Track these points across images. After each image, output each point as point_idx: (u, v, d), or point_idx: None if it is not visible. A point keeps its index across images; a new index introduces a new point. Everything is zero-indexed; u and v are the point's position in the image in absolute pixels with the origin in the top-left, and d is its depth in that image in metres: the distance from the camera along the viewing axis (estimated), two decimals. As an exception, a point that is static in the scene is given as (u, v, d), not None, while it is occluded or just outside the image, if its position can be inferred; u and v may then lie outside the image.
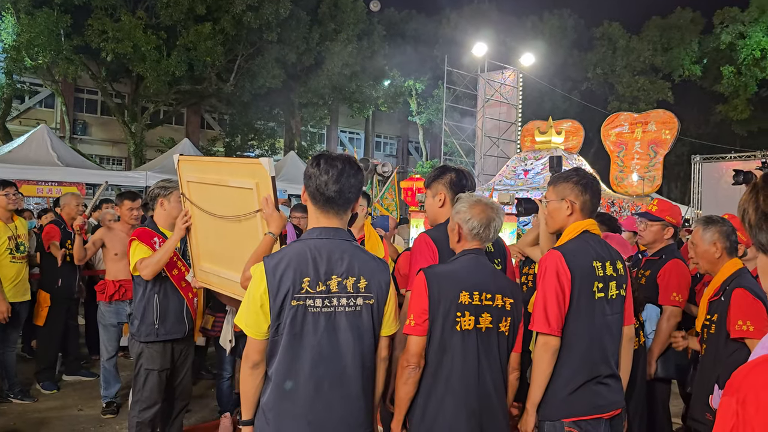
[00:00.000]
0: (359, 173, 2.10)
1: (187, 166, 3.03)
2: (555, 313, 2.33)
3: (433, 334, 2.20)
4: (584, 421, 2.34)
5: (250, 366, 2.00)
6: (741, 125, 25.82)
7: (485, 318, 2.25)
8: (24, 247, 5.00)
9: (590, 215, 2.51)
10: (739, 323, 2.74)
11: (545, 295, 2.35)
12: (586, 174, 2.55)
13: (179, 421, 3.91)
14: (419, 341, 2.19)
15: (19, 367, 5.25)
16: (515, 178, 14.76)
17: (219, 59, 18.09)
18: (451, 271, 2.29)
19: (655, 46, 26.73)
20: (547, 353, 2.33)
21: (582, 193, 2.47)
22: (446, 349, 2.21)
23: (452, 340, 2.21)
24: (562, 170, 2.99)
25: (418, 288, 2.23)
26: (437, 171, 2.84)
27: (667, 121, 16.60)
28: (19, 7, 15.13)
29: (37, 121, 19.80)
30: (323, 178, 2.01)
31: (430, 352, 2.21)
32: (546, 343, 2.33)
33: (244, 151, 23.00)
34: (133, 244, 3.57)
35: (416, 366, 2.19)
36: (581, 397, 2.35)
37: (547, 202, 2.58)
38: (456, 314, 2.21)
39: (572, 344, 2.35)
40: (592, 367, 2.38)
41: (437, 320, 2.20)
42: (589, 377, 2.36)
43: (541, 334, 2.34)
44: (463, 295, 2.22)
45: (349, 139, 32.74)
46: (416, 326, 2.19)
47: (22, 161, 11.61)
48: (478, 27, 24.66)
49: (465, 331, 2.22)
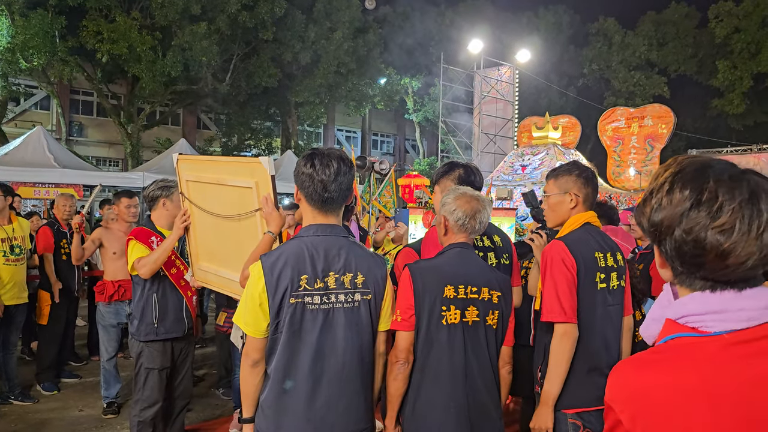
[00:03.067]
0: (352, 168, 2.11)
1: (186, 165, 3.03)
2: (569, 301, 2.31)
3: (419, 329, 2.19)
4: (587, 413, 2.33)
5: (250, 364, 2.01)
6: (737, 119, 25.86)
7: (471, 311, 2.23)
8: (20, 249, 4.94)
9: (591, 207, 2.54)
10: None
11: (556, 284, 2.33)
12: (585, 167, 2.57)
13: (180, 420, 3.92)
14: (407, 336, 2.18)
15: (18, 369, 5.24)
16: (513, 173, 14.79)
17: (214, 59, 18.04)
18: (435, 266, 2.28)
19: (650, 41, 26.79)
20: (567, 342, 2.29)
21: (584, 186, 2.50)
22: (433, 343, 2.19)
23: (439, 334, 2.19)
24: (539, 203, 3.04)
25: (403, 283, 2.22)
26: (446, 167, 2.83)
27: (663, 116, 16.66)
28: (13, 9, 15.06)
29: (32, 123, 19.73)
30: (321, 178, 2.01)
31: (418, 347, 2.20)
32: (565, 332, 2.30)
33: (241, 150, 22.98)
34: (130, 243, 3.58)
35: (405, 361, 2.18)
36: (584, 388, 2.34)
37: (548, 196, 2.59)
38: (441, 308, 2.19)
39: (578, 334, 2.34)
40: (594, 357, 2.37)
41: (423, 315, 2.18)
42: (592, 368, 2.36)
43: (558, 324, 2.31)
44: (448, 288, 2.21)
45: (345, 138, 32.73)
46: (403, 321, 2.17)
47: (19, 163, 11.56)
48: (473, 24, 24.67)
49: (451, 325, 2.20)
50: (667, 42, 26.92)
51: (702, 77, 26.75)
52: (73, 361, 6.16)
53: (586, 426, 2.32)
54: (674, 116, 16.42)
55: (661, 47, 26.99)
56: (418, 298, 2.18)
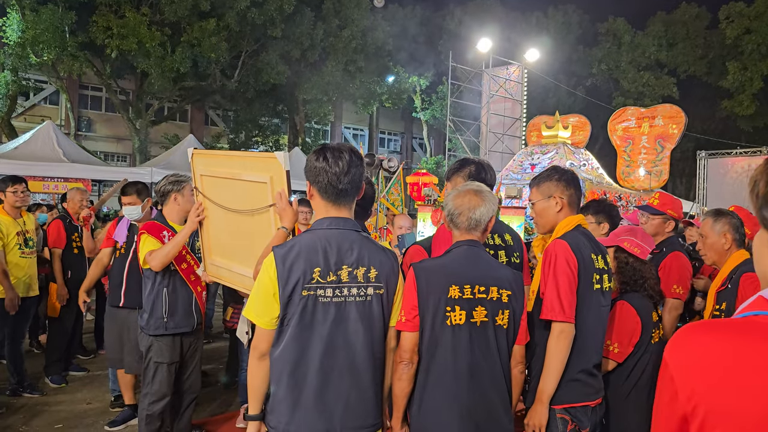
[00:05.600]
0: (363, 161, 2.11)
1: (200, 160, 3.02)
2: (569, 300, 2.32)
3: (424, 329, 2.16)
4: (574, 408, 2.37)
5: (257, 357, 2.01)
6: (746, 121, 25.68)
7: (479, 312, 2.18)
8: (33, 242, 5.03)
9: (577, 209, 2.56)
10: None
11: (558, 283, 2.33)
12: (565, 170, 2.61)
13: (188, 414, 3.93)
14: (411, 337, 2.14)
15: (27, 362, 5.26)
16: (522, 172, 14.74)
17: (223, 55, 18.08)
18: (440, 265, 2.24)
19: (660, 41, 26.67)
20: (564, 341, 2.31)
21: (567, 188, 2.53)
22: (438, 344, 2.16)
23: (443, 335, 2.16)
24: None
25: (408, 283, 2.19)
26: (458, 163, 2.82)
27: (674, 116, 16.57)
28: (24, 4, 15.14)
29: (41, 118, 19.86)
30: (334, 170, 2.00)
31: (423, 347, 2.17)
32: (562, 331, 2.31)
33: (248, 147, 23.02)
34: (142, 237, 3.58)
35: (409, 362, 2.14)
36: (573, 386, 2.37)
37: (533, 203, 2.60)
38: (446, 309, 2.15)
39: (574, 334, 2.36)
40: (586, 357, 2.40)
41: (427, 315, 2.15)
42: (583, 367, 2.39)
43: (555, 323, 2.32)
44: (453, 289, 2.16)
45: (353, 136, 32.75)
46: (407, 322, 2.14)
47: (29, 157, 11.65)
48: (482, 23, 24.61)
49: (456, 326, 2.16)
50: (677, 42, 26.77)
51: (712, 78, 26.58)
52: (81, 355, 6.19)
53: (573, 420, 2.36)
54: (685, 117, 16.34)
55: (671, 48, 26.85)
56: (422, 299, 2.15)
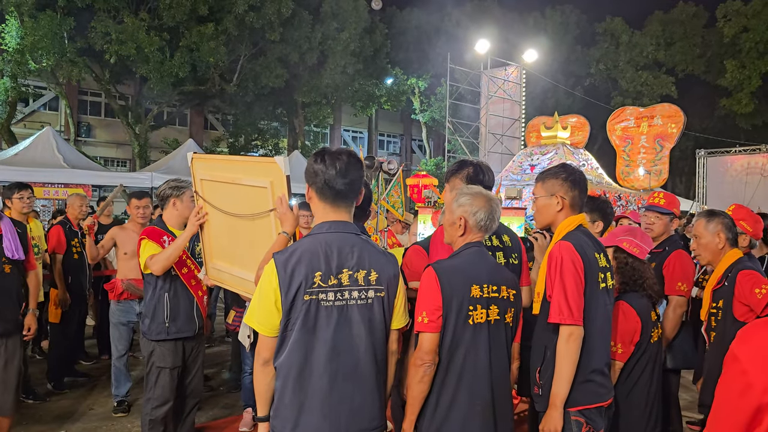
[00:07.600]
0: (362, 165, 2.13)
1: (201, 165, 3.03)
2: (577, 303, 2.31)
3: (446, 329, 2.17)
4: (588, 410, 2.35)
5: (261, 363, 2.02)
6: (745, 119, 25.68)
7: (493, 310, 2.25)
8: (38, 249, 5.04)
9: (579, 210, 2.55)
10: (756, 291, 2.90)
11: (565, 285, 2.32)
12: (574, 170, 2.57)
13: (191, 418, 3.94)
14: (433, 338, 2.16)
15: (29, 367, 5.27)
16: (522, 173, 14.73)
17: (222, 60, 18.09)
18: (459, 265, 2.27)
19: (658, 41, 26.70)
20: (574, 344, 2.29)
21: (571, 189, 2.50)
22: (459, 344, 2.18)
23: (464, 334, 2.19)
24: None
25: (428, 284, 2.19)
26: (456, 165, 2.84)
27: (672, 115, 16.57)
28: (22, 11, 15.14)
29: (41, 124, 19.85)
30: (331, 172, 2.02)
31: (443, 348, 2.18)
32: (571, 334, 2.30)
33: (248, 151, 23.01)
34: (142, 242, 3.60)
35: (431, 363, 2.15)
36: (586, 387, 2.36)
37: (535, 198, 2.59)
38: (468, 308, 2.19)
39: (583, 335, 2.35)
40: (598, 356, 2.40)
41: (450, 316, 2.17)
42: (594, 368, 2.38)
43: (564, 326, 2.30)
44: (475, 288, 2.21)
45: (352, 138, 32.76)
46: (430, 323, 2.15)
47: (29, 164, 11.66)
48: (480, 24, 24.63)
49: (477, 325, 2.21)
50: (675, 42, 26.81)
51: (710, 77, 26.61)
52: (83, 360, 6.20)
53: (588, 423, 2.34)
54: (684, 116, 16.34)
55: (669, 47, 26.87)
56: (446, 299, 2.17)
